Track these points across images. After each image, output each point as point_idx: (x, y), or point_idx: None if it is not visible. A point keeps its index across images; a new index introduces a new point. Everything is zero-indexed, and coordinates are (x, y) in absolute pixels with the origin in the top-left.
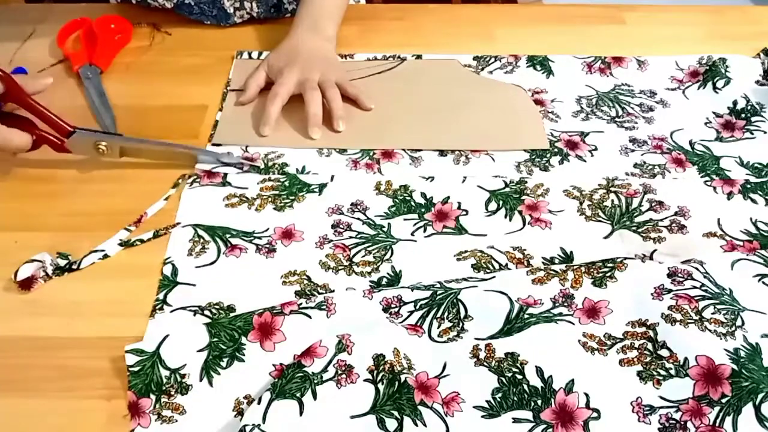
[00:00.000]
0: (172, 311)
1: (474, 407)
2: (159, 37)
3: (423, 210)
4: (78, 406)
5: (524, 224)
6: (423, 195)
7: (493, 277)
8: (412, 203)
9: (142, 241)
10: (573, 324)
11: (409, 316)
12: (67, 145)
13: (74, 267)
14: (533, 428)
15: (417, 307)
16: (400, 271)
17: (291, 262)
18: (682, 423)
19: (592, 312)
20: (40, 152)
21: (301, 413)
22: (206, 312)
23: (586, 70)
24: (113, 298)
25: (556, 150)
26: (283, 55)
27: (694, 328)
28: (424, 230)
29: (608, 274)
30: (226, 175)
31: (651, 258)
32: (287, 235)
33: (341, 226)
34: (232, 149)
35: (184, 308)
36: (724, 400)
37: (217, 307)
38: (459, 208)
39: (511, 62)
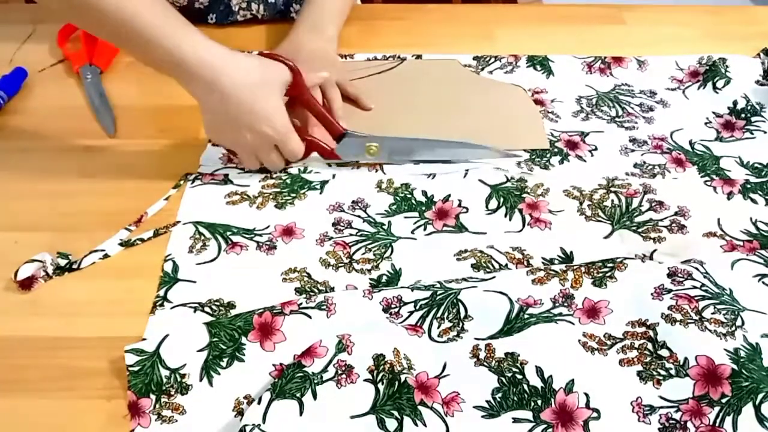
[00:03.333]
0: (172, 308)
1: (474, 407)
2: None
3: (423, 208)
4: (78, 406)
5: (524, 224)
6: (424, 193)
7: (493, 277)
8: (413, 201)
9: (142, 240)
10: (573, 324)
11: (409, 317)
12: (337, 150)
13: (74, 267)
14: (533, 428)
15: (417, 308)
16: (400, 269)
17: (291, 260)
18: (682, 423)
19: (592, 312)
20: (40, 152)
21: (301, 413)
22: (206, 309)
23: (586, 70)
24: (113, 298)
25: (556, 150)
26: (284, 55)
27: (694, 328)
28: (425, 228)
29: (608, 274)
30: (228, 173)
31: (651, 258)
32: (288, 232)
33: (342, 223)
34: None
35: (184, 305)
36: (724, 400)
37: (218, 303)
38: (459, 205)
39: (511, 62)
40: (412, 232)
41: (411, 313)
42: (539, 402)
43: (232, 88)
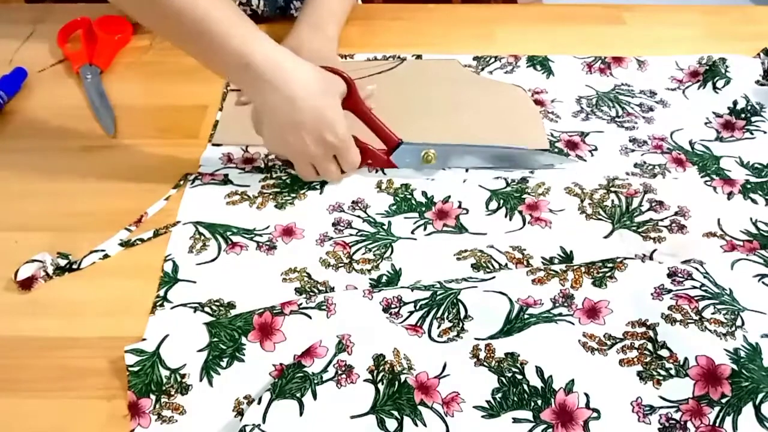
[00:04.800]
0: (172, 308)
1: (474, 407)
2: (159, 37)
3: (423, 208)
4: (78, 406)
5: (524, 223)
6: (424, 194)
7: (493, 277)
8: (413, 201)
9: (142, 240)
10: (573, 324)
11: (409, 317)
12: (392, 158)
13: (74, 267)
14: (533, 428)
15: (417, 308)
16: (400, 269)
17: (291, 260)
18: (682, 423)
19: (592, 312)
20: (40, 152)
21: (301, 413)
22: (206, 309)
23: (586, 70)
24: (113, 298)
25: (556, 150)
26: None
27: (694, 328)
28: (424, 228)
29: (608, 274)
30: (228, 173)
31: (651, 258)
32: (288, 232)
33: (342, 223)
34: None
35: (184, 305)
36: (724, 400)
37: (218, 303)
38: (459, 207)
39: (511, 62)
40: (412, 233)
41: (411, 313)
42: (539, 402)
43: (300, 91)
